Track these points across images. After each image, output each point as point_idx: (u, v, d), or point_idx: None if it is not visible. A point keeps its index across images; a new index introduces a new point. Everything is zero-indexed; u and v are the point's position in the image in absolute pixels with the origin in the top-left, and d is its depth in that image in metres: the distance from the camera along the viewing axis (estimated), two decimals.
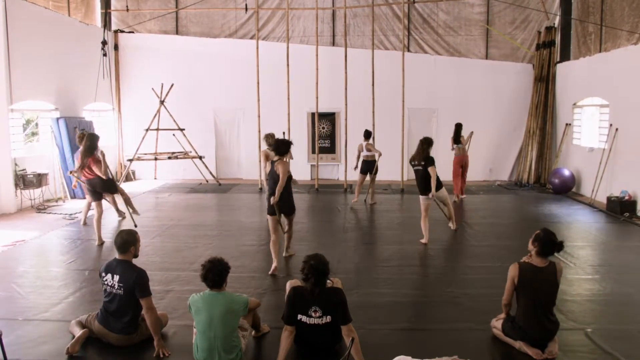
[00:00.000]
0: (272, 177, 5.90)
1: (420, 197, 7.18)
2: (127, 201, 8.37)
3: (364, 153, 9.82)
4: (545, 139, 12.69)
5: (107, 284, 3.99)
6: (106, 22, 13.03)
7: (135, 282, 3.90)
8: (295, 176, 6.32)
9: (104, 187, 7.41)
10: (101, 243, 7.08)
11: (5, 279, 5.64)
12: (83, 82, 11.60)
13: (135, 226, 7.74)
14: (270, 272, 5.82)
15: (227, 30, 13.80)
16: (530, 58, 13.23)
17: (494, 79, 13.21)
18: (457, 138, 10.32)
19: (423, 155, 7.09)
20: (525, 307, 3.90)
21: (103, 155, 7.32)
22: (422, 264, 6.26)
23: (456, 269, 6.24)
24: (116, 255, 4.07)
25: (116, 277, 3.94)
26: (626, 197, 9.09)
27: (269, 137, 7.80)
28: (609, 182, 9.92)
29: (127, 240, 4.04)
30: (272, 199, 5.83)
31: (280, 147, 5.88)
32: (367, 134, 9.93)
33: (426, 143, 7.13)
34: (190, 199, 10.87)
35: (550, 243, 3.87)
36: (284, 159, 5.89)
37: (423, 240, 7.11)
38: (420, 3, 13.13)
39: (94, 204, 7.43)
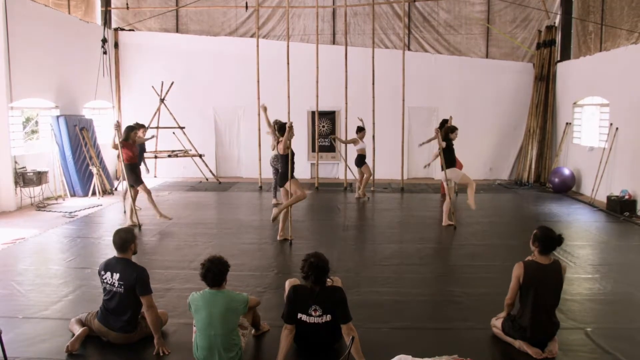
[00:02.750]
0: None
1: None
2: (152, 203, 8.13)
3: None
4: (545, 138, 12.69)
5: (107, 282, 3.98)
6: (106, 20, 13.01)
7: (136, 280, 3.90)
8: (295, 175, 7.04)
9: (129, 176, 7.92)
10: (134, 225, 7.75)
11: (5, 276, 5.63)
12: (83, 80, 11.58)
13: (140, 226, 7.78)
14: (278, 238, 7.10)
15: (227, 29, 13.79)
16: (531, 57, 13.22)
17: (494, 78, 13.21)
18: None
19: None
20: (529, 306, 3.87)
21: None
22: (422, 263, 6.26)
23: (456, 268, 6.24)
24: (115, 253, 4.07)
25: (116, 275, 3.94)
26: (626, 197, 9.09)
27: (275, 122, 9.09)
28: (609, 182, 9.92)
29: (126, 239, 4.04)
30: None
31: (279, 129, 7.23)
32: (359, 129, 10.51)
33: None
34: (190, 197, 10.86)
35: (549, 239, 3.86)
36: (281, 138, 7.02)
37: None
38: (421, 2, 13.12)
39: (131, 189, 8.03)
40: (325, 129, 13.54)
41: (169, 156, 12.32)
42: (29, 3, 9.82)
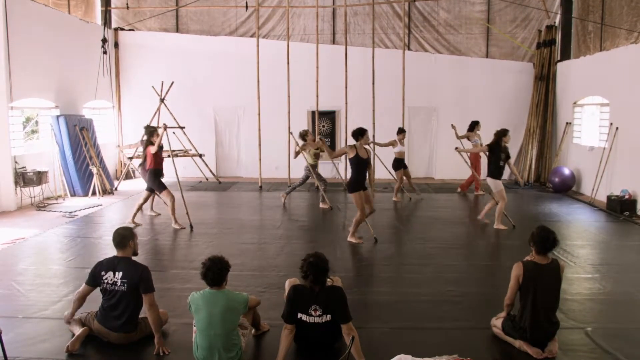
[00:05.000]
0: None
1: None
2: (172, 210, 8.11)
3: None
4: (545, 138, 12.69)
5: (108, 282, 3.97)
6: (106, 20, 13.01)
7: (140, 278, 3.91)
8: (294, 174, 6.72)
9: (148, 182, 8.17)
10: (135, 225, 7.76)
11: (5, 276, 5.63)
12: (83, 79, 11.59)
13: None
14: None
15: (227, 28, 13.79)
16: (531, 57, 13.22)
17: (494, 77, 13.20)
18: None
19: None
20: (528, 306, 3.87)
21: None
22: (422, 263, 6.25)
23: (456, 267, 6.23)
24: (114, 254, 4.07)
25: (119, 274, 3.93)
26: (626, 196, 9.09)
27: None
28: (609, 181, 9.92)
29: (125, 235, 4.03)
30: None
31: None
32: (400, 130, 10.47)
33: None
34: (190, 197, 10.82)
35: (545, 239, 3.87)
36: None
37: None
38: (421, 1, 13.12)
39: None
40: (325, 128, 13.54)
41: (169, 156, 12.29)
42: (29, 3, 9.82)
